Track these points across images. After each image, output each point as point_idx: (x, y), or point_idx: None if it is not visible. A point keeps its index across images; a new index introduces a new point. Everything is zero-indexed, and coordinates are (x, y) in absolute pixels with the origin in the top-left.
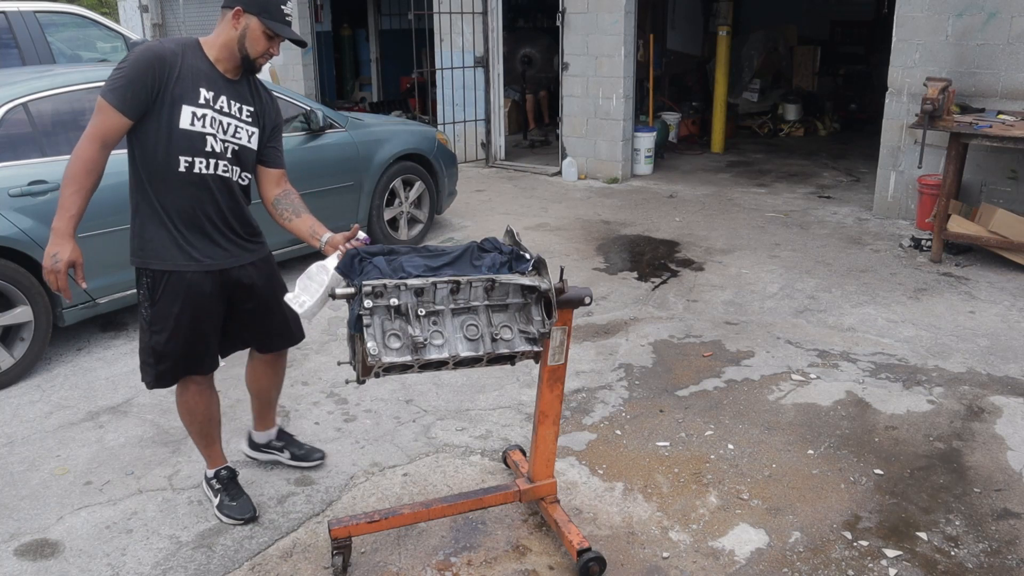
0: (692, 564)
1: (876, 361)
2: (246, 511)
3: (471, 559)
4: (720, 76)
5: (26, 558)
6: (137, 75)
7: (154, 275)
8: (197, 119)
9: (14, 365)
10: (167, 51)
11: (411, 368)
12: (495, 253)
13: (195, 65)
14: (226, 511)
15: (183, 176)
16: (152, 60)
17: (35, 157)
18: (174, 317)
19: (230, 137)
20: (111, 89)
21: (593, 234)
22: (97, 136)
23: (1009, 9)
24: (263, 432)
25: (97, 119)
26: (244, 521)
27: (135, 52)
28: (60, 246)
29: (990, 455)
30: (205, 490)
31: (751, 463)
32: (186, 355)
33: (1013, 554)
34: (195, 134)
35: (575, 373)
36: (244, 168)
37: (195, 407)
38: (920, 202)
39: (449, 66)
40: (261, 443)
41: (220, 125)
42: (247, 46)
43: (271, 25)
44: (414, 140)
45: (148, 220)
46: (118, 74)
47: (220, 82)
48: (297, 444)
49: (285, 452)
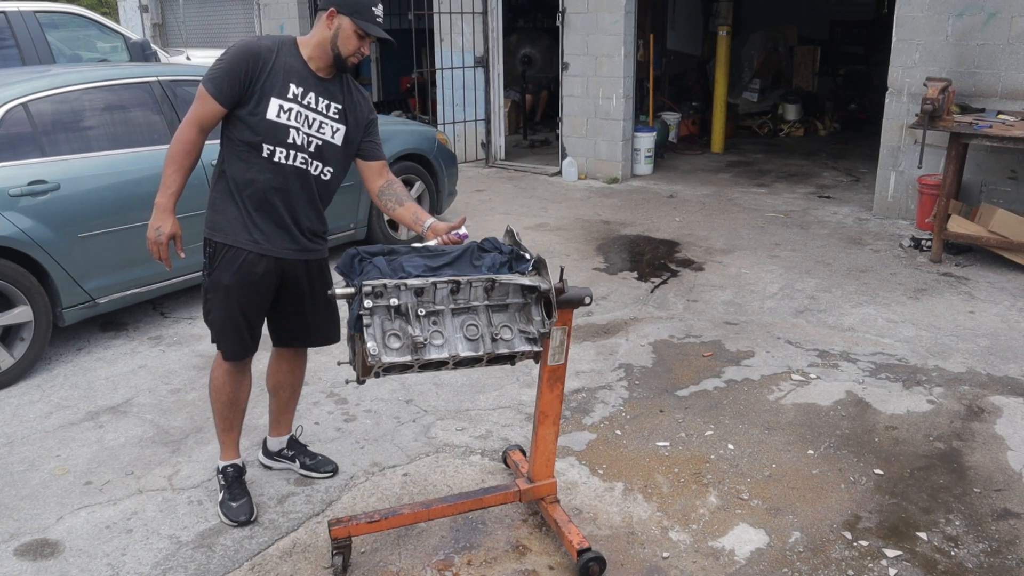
0: (692, 564)
1: (876, 361)
2: (240, 514)
3: (471, 559)
4: (720, 76)
5: (26, 558)
6: (233, 67)
7: (216, 246)
8: (283, 112)
9: (14, 365)
10: (263, 47)
11: (411, 368)
12: (495, 253)
13: (288, 62)
14: (224, 510)
15: (263, 162)
16: (248, 54)
17: (35, 157)
18: (224, 289)
19: (314, 132)
20: (211, 79)
21: (593, 234)
22: (195, 121)
23: (1009, 9)
24: (276, 439)
25: (196, 105)
26: (237, 524)
27: (235, 46)
28: (163, 220)
29: (990, 455)
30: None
31: (751, 463)
32: (227, 330)
33: (1013, 554)
34: (280, 126)
35: (575, 373)
36: (326, 163)
37: (222, 386)
38: (920, 202)
39: (449, 66)
40: (274, 451)
41: (306, 120)
42: (339, 45)
43: (362, 25)
44: (414, 140)
45: (223, 195)
46: (218, 65)
47: (311, 79)
48: (309, 454)
49: (296, 461)
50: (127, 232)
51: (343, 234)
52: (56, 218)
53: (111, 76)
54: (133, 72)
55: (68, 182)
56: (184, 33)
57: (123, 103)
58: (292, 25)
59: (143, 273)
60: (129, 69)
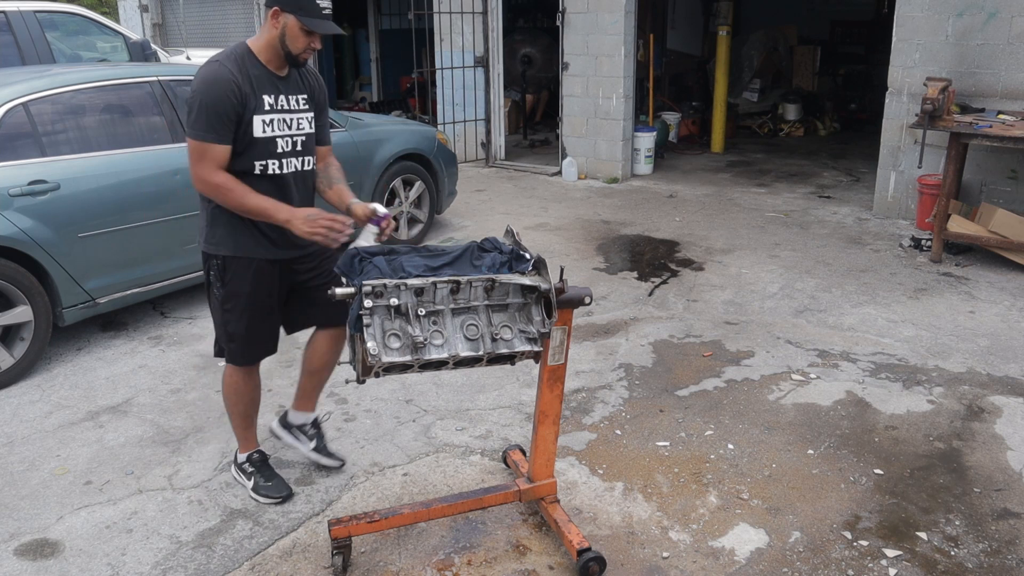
0: (692, 564)
1: (876, 361)
2: (282, 490)
3: (471, 559)
4: (720, 76)
5: (26, 558)
6: (222, 110)
7: (224, 259)
8: (267, 125)
9: (14, 365)
10: (232, 76)
11: (411, 368)
12: (495, 253)
13: (253, 74)
14: (263, 491)
15: (257, 179)
16: (228, 91)
17: (35, 157)
18: (245, 297)
19: (295, 131)
20: (206, 128)
21: (593, 234)
22: (215, 168)
23: (1009, 9)
24: (302, 413)
25: (206, 159)
26: (282, 499)
27: (207, 84)
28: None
29: (990, 455)
30: (235, 475)
31: (751, 463)
32: (252, 337)
33: (1013, 554)
34: (267, 139)
35: (575, 373)
36: (308, 153)
37: (243, 388)
38: (920, 202)
39: (449, 66)
40: (295, 423)
41: (285, 123)
42: (288, 44)
43: (307, 22)
44: (414, 140)
45: (221, 211)
46: (203, 112)
47: (276, 82)
48: (324, 440)
49: (312, 441)
50: (127, 232)
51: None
52: (56, 218)
53: (111, 76)
54: (133, 72)
55: (68, 182)
56: (184, 33)
57: (123, 103)
58: None
59: (143, 273)
60: (129, 69)
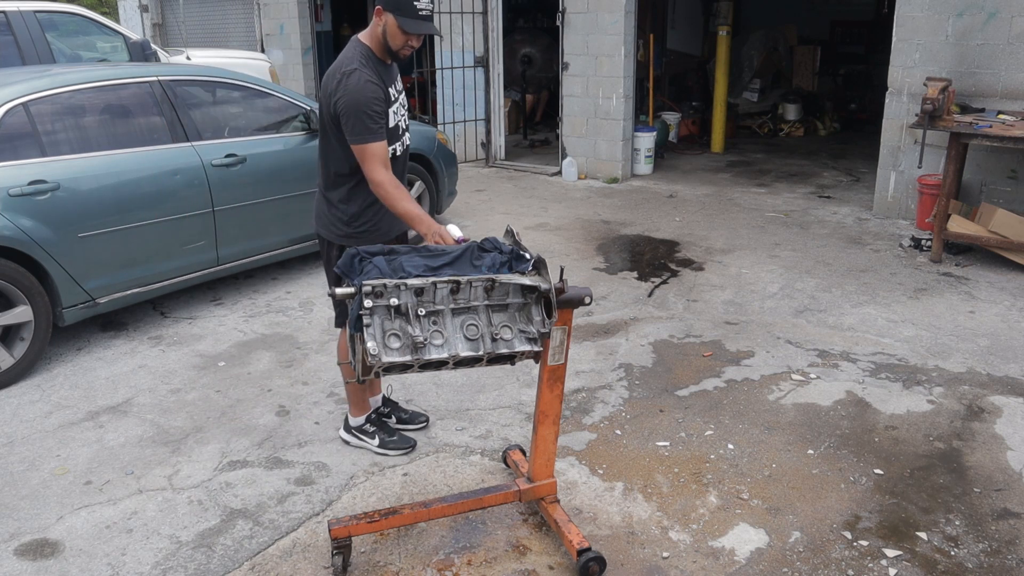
0: (692, 564)
1: (876, 361)
2: (408, 441)
3: (471, 559)
4: (720, 76)
5: (26, 558)
6: (374, 111)
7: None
8: (394, 114)
9: (14, 365)
10: (372, 79)
11: (411, 368)
12: (495, 253)
13: (380, 71)
14: (392, 446)
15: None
16: (378, 93)
17: (35, 157)
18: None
19: (404, 112)
20: (369, 132)
21: (593, 234)
22: (382, 165)
23: (1009, 9)
24: (370, 399)
25: (375, 157)
26: (410, 448)
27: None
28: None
29: (990, 455)
30: (353, 438)
31: (751, 463)
32: None
33: (1013, 554)
34: (395, 128)
35: (575, 373)
36: (409, 131)
37: None
38: (920, 202)
39: (449, 66)
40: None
41: (402, 107)
42: (388, 41)
43: (403, 23)
44: (414, 140)
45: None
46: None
47: (389, 72)
48: (402, 410)
49: (392, 417)
50: (127, 232)
51: None
52: (56, 218)
53: (111, 76)
54: (133, 72)
55: (68, 182)
56: (184, 33)
57: (123, 103)
58: (292, 25)
59: (143, 273)
60: (129, 69)
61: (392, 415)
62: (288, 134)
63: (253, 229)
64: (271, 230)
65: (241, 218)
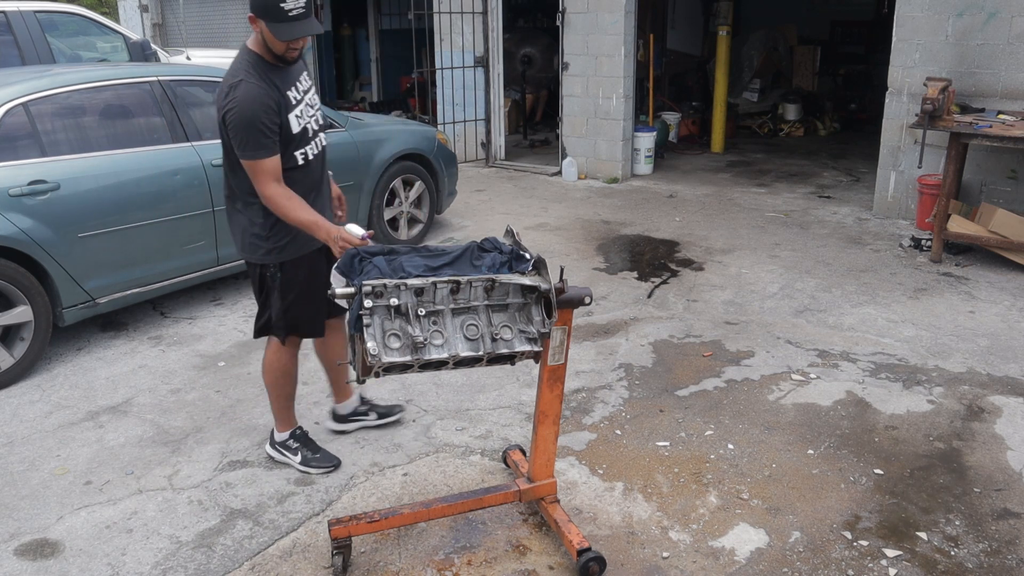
0: (692, 564)
1: (876, 361)
2: (332, 459)
3: (471, 559)
4: (720, 76)
5: (26, 558)
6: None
7: (282, 265)
8: (298, 118)
9: (14, 365)
10: (262, 86)
11: (411, 368)
12: (495, 253)
13: (272, 76)
14: (314, 463)
15: (300, 170)
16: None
17: (35, 157)
18: (302, 283)
19: (314, 111)
20: (257, 148)
21: (593, 234)
22: (273, 178)
23: (1009, 9)
24: (346, 401)
25: (266, 173)
26: (334, 467)
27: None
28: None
29: (990, 455)
30: (277, 453)
31: (751, 463)
32: (315, 315)
33: (1013, 554)
34: (301, 131)
35: (575, 373)
36: (323, 129)
37: (288, 367)
38: (920, 202)
39: (449, 66)
40: (346, 413)
41: (310, 106)
42: (270, 46)
43: (275, 29)
44: (414, 140)
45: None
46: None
47: (286, 75)
48: (379, 405)
49: (371, 414)
50: (127, 232)
51: None
52: (56, 218)
53: (111, 76)
54: (133, 72)
55: (68, 182)
56: (184, 33)
57: (123, 103)
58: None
59: (143, 273)
60: (129, 69)
61: (370, 412)
62: None
63: None
64: None
65: None
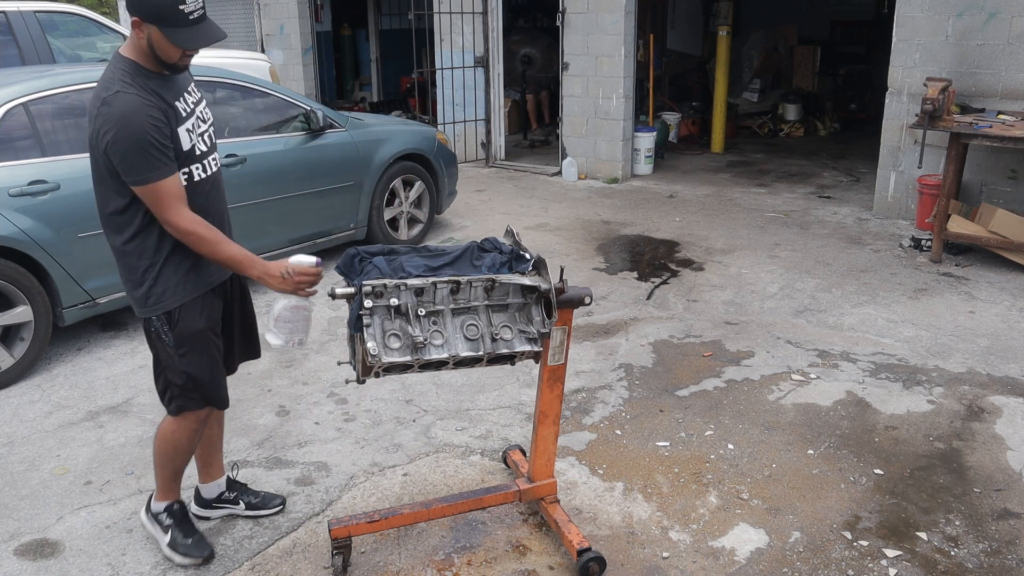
0: (692, 564)
1: (876, 361)
2: (204, 549)
3: (471, 559)
4: (720, 76)
5: (26, 558)
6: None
7: (170, 312)
8: (188, 133)
9: (14, 365)
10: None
11: (411, 368)
12: (495, 253)
13: (155, 86)
14: (182, 550)
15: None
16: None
17: (35, 157)
18: (198, 334)
19: (206, 126)
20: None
21: (593, 234)
22: (181, 202)
23: (1009, 9)
24: (212, 483)
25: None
26: (204, 560)
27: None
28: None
29: (990, 455)
30: (147, 523)
31: (751, 463)
32: (217, 377)
33: (1013, 554)
34: (191, 148)
35: (575, 373)
36: (215, 149)
37: (190, 442)
38: (920, 202)
39: (449, 66)
40: (211, 498)
41: (201, 122)
42: (160, 56)
43: (172, 36)
44: (414, 140)
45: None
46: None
47: (171, 85)
48: (252, 492)
49: (240, 503)
50: None
51: (343, 234)
52: (56, 218)
53: None
54: None
55: (68, 182)
56: None
57: None
58: (292, 25)
59: None
60: None
61: (240, 500)
62: (288, 134)
63: (253, 229)
64: (271, 230)
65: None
